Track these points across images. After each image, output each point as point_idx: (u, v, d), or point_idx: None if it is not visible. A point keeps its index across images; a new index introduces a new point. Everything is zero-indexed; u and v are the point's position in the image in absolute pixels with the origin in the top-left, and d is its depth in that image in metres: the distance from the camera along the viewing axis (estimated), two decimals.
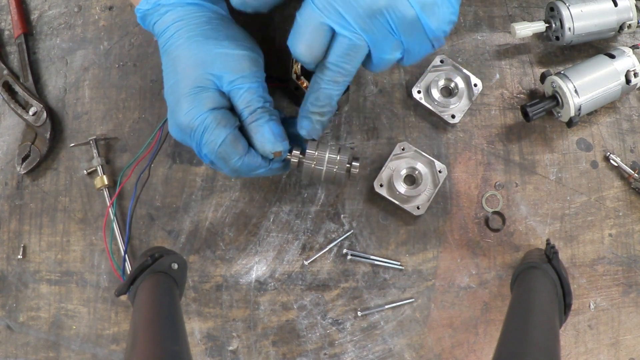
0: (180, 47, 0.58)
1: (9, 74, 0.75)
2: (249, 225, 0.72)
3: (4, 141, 0.75)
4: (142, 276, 0.60)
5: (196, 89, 0.56)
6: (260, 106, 0.58)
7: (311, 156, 0.59)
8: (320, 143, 0.60)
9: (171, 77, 0.58)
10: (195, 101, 0.56)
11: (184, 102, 0.56)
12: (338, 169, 0.59)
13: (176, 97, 0.57)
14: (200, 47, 0.57)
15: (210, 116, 0.56)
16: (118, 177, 0.72)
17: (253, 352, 0.69)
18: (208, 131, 0.56)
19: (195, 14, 0.59)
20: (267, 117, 0.57)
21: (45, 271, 0.72)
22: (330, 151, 0.59)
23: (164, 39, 0.59)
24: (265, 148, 0.57)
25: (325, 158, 0.59)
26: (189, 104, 0.56)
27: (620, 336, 0.69)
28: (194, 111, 0.56)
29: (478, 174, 0.72)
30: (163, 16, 0.59)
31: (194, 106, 0.56)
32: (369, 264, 0.70)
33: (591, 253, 0.70)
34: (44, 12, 0.78)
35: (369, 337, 0.69)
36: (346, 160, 0.59)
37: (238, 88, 0.57)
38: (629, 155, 0.72)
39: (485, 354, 0.69)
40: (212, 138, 0.56)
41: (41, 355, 0.70)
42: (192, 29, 0.58)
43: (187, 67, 0.57)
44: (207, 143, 0.56)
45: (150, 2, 0.59)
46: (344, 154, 0.59)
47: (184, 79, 0.57)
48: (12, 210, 0.73)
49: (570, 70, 0.68)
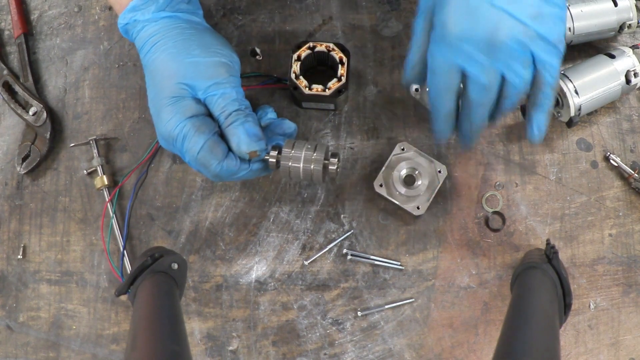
0: (155, 60, 0.59)
1: (9, 74, 0.75)
2: (249, 225, 0.72)
3: (4, 141, 0.75)
4: (142, 276, 0.60)
5: (173, 99, 0.58)
6: (234, 109, 0.59)
7: (287, 155, 0.59)
8: (297, 141, 0.60)
9: (151, 90, 0.60)
10: (173, 111, 0.58)
11: (163, 113, 0.58)
12: (315, 166, 0.59)
13: (157, 109, 0.59)
14: (173, 59, 0.59)
15: (188, 124, 0.57)
16: (118, 178, 0.73)
17: (253, 352, 0.69)
18: (187, 139, 0.57)
19: (169, 27, 0.60)
20: (242, 120, 0.58)
21: (45, 271, 0.72)
22: (306, 149, 0.60)
23: (143, 54, 0.61)
24: (241, 149, 0.58)
25: (301, 156, 0.59)
26: (167, 114, 0.58)
27: (620, 336, 0.69)
28: (173, 120, 0.57)
29: (478, 174, 0.72)
30: (140, 32, 0.61)
31: (173, 115, 0.57)
32: (369, 264, 0.70)
33: (591, 253, 0.70)
34: (44, 12, 0.78)
35: (369, 337, 0.69)
36: (322, 157, 0.59)
37: (212, 95, 0.58)
38: (629, 155, 0.72)
39: (485, 354, 0.69)
40: (190, 145, 0.57)
41: (41, 355, 0.70)
42: (165, 42, 0.59)
43: (163, 79, 0.59)
44: (187, 150, 0.58)
45: (127, 18, 0.61)
46: (320, 151, 0.60)
47: (161, 91, 0.58)
48: (12, 210, 0.73)
49: (570, 70, 0.68)
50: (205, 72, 0.58)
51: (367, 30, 0.75)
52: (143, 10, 0.60)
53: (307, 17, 0.76)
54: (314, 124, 0.73)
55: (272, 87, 0.73)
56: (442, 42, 0.52)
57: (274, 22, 0.76)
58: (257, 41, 0.75)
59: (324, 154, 0.60)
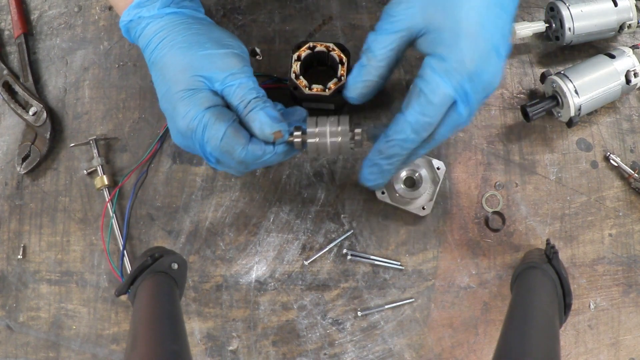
0: (165, 56, 0.59)
1: (9, 74, 0.75)
2: (249, 225, 0.72)
3: (4, 141, 0.75)
4: (142, 276, 0.60)
5: (189, 91, 0.57)
6: (253, 97, 0.58)
7: (313, 133, 0.59)
8: (319, 118, 0.60)
9: (162, 86, 0.59)
10: (190, 103, 0.57)
11: (179, 107, 0.57)
12: (342, 139, 0.59)
13: (172, 104, 0.58)
14: (185, 53, 0.58)
15: (207, 113, 0.56)
16: (118, 178, 0.73)
17: (253, 352, 0.69)
18: (208, 128, 0.56)
19: (175, 22, 0.60)
20: (261, 105, 0.58)
21: (45, 271, 0.72)
22: (330, 124, 0.59)
23: (149, 51, 0.60)
24: (265, 132, 0.57)
25: (327, 131, 0.59)
26: (185, 107, 0.57)
27: (620, 336, 0.69)
28: (192, 112, 0.57)
29: (478, 174, 0.72)
30: (145, 29, 0.60)
31: (191, 108, 0.57)
32: (369, 264, 0.70)
33: (591, 253, 0.70)
34: (44, 12, 0.78)
35: (369, 337, 0.69)
36: (347, 128, 0.59)
37: (230, 85, 0.58)
38: (629, 155, 0.72)
39: (485, 354, 0.69)
40: (212, 133, 0.56)
41: (41, 355, 0.70)
42: (174, 37, 0.59)
43: (176, 73, 0.58)
44: (209, 139, 0.57)
45: (131, 14, 0.60)
46: (343, 123, 0.59)
47: (175, 85, 0.58)
48: (12, 210, 0.73)
49: (570, 70, 0.68)
50: (221, 64, 0.58)
51: (367, 30, 0.75)
52: (148, 6, 0.59)
53: (307, 17, 0.76)
54: None
55: (272, 87, 0.73)
56: (451, 75, 0.52)
57: (273, 22, 0.76)
58: (257, 41, 0.75)
59: (348, 125, 0.59)
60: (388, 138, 0.55)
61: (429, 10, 0.54)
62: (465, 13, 0.52)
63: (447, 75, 0.52)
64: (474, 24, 0.52)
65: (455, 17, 0.52)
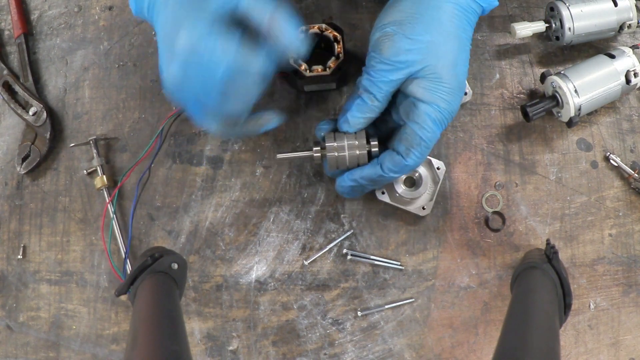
0: None
1: (9, 74, 0.75)
2: (249, 225, 0.72)
3: (4, 141, 0.75)
4: (142, 276, 0.60)
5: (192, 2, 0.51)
6: None
7: (332, 147, 0.63)
8: (336, 133, 0.64)
9: (164, 23, 0.52)
10: (197, 17, 0.50)
11: (183, 23, 0.50)
12: (360, 152, 0.63)
13: (173, 25, 0.51)
14: None
15: (216, 25, 0.50)
16: (118, 178, 0.73)
17: (253, 352, 0.69)
18: (220, 40, 0.50)
19: None
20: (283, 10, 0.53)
21: (45, 271, 0.72)
22: (347, 138, 0.63)
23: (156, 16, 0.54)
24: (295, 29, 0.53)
25: (345, 145, 0.63)
26: (190, 21, 0.50)
27: (620, 336, 0.69)
28: (199, 26, 0.50)
29: (478, 174, 0.72)
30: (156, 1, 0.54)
31: (197, 21, 0.50)
32: (369, 264, 0.70)
33: (591, 253, 0.70)
34: (44, 12, 0.78)
35: (369, 337, 0.69)
36: (364, 141, 0.63)
37: None
38: (629, 155, 0.72)
39: (485, 354, 0.69)
40: (226, 45, 0.50)
41: (41, 355, 0.70)
42: None
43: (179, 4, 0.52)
44: (222, 54, 0.50)
45: None
46: (361, 137, 0.63)
47: (178, 10, 0.51)
48: (12, 210, 0.73)
49: (570, 70, 0.68)
50: None
51: (367, 30, 0.75)
52: None
53: (307, 17, 0.76)
54: (314, 125, 0.73)
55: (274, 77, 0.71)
56: (443, 125, 0.61)
57: None
58: None
59: (365, 139, 0.63)
60: (385, 174, 0.62)
61: (428, 59, 0.59)
62: (460, 69, 0.60)
63: (441, 124, 0.61)
64: (463, 80, 0.62)
65: (455, 71, 0.60)
